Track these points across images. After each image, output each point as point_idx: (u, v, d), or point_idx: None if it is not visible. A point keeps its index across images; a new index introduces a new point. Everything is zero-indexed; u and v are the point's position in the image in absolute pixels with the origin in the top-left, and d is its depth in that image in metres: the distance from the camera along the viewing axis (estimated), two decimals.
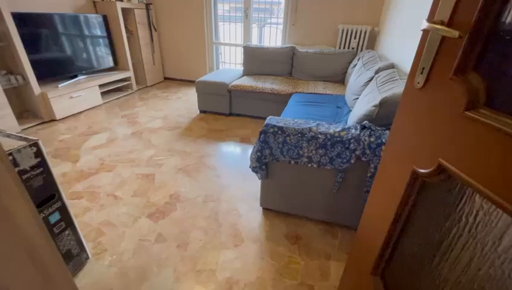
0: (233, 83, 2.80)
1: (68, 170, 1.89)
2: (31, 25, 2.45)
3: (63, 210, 1.04)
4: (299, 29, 3.38)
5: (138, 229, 1.41)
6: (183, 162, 2.04)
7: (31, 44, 2.46)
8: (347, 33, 3.15)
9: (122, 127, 2.60)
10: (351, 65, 2.72)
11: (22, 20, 2.35)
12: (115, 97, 3.36)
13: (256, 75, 3.14)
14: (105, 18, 3.18)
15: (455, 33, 0.47)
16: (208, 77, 2.91)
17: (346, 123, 1.72)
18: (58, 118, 2.67)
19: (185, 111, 3.07)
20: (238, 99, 2.87)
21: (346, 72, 2.88)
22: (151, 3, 3.72)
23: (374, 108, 1.23)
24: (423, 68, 0.59)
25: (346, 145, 1.16)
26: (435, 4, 0.56)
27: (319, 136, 1.19)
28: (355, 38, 3.16)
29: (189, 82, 4.18)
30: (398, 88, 1.27)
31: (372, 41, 3.18)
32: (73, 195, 1.64)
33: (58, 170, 1.89)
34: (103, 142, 2.31)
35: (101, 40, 3.20)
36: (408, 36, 2.00)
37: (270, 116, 1.34)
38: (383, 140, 1.13)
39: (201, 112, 3.04)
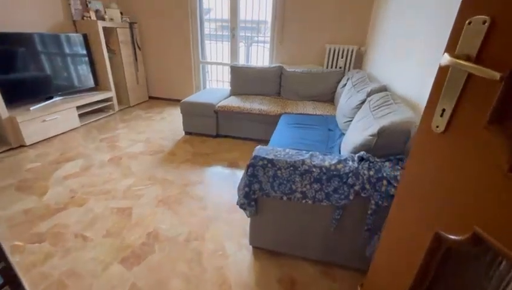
0: (220, 104, 2.69)
1: (32, 206, 1.67)
2: (2, 46, 2.28)
3: (7, 272, 0.85)
4: (286, 48, 3.36)
5: (108, 280, 1.21)
6: (165, 192, 1.86)
7: (1, 66, 2.28)
8: (334, 52, 3.15)
9: (100, 153, 2.40)
10: (340, 85, 2.68)
11: None
12: (94, 119, 3.17)
13: (244, 95, 3.05)
14: (85, 37, 3.05)
15: (495, 75, 0.36)
16: (194, 98, 2.79)
17: (339, 147, 1.62)
18: (28, 144, 2.44)
19: (169, 133, 2.91)
20: (225, 120, 2.75)
21: (335, 91, 2.84)
22: (136, 22, 3.63)
23: (371, 137, 1.12)
24: (443, 110, 0.48)
25: (344, 180, 1.05)
26: (455, 33, 0.45)
27: (313, 169, 1.07)
28: (342, 57, 3.15)
29: (175, 101, 4.04)
30: (395, 115, 1.18)
31: (359, 60, 3.18)
32: (34, 238, 1.43)
33: (20, 206, 1.67)
34: (76, 170, 2.10)
35: (80, 60, 3.04)
36: (396, 57, 1.97)
37: (258, 147, 1.21)
38: (384, 174, 1.02)
39: (186, 133, 2.90)
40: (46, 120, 2.57)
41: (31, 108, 2.50)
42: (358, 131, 1.34)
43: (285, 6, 3.15)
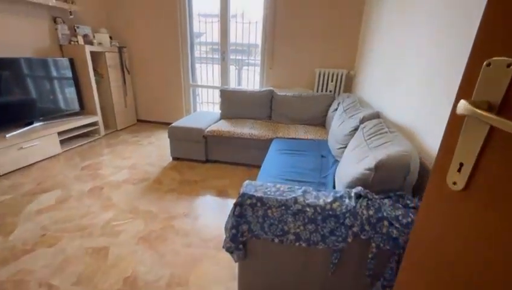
0: (209, 128, 2.60)
1: None
2: None
3: None
4: (276, 72, 3.37)
5: None
6: (147, 227, 1.71)
7: None
8: (324, 76, 3.17)
9: (80, 182, 2.24)
10: (331, 109, 2.66)
11: None
12: (78, 144, 3.02)
13: (234, 118, 2.99)
14: (71, 61, 2.98)
15: None
16: (182, 122, 2.71)
17: (333, 177, 1.53)
18: (1, 174, 2.27)
19: (156, 158, 2.78)
20: (214, 145, 2.65)
21: (326, 115, 2.81)
22: (125, 47, 3.61)
23: (368, 172, 1.04)
24: (461, 164, 0.40)
25: (341, 220, 0.95)
26: (470, 75, 0.38)
27: (307, 209, 0.97)
28: (332, 81, 3.17)
29: (164, 124, 3.94)
30: (391, 146, 1.12)
31: (349, 83, 3.20)
32: None
33: None
34: (51, 203, 1.93)
35: (65, 84, 2.95)
36: (386, 82, 1.96)
37: (247, 182, 1.11)
38: (384, 213, 0.93)
39: (174, 159, 2.77)
40: (24, 147, 2.41)
41: (7, 135, 2.35)
42: (353, 162, 1.26)
43: (275, 31, 3.19)
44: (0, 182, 2.18)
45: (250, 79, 3.75)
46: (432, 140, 1.26)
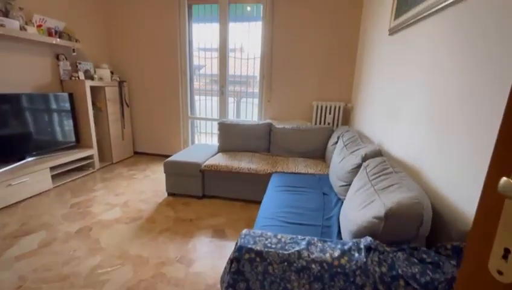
0: (206, 163, 2.53)
1: None
2: None
3: None
4: (274, 105, 3.40)
5: None
6: (136, 275, 1.56)
7: None
8: (321, 109, 3.19)
9: (67, 222, 2.11)
10: (330, 142, 2.62)
11: None
12: (71, 179, 2.92)
13: (232, 151, 2.93)
14: (71, 96, 3.00)
15: None
16: (179, 156, 2.64)
17: (338, 219, 1.43)
18: None
19: (151, 194, 2.67)
20: (211, 180, 2.57)
21: (325, 147, 2.77)
22: (125, 81, 3.67)
23: (377, 221, 0.96)
24: (507, 250, 0.32)
25: (351, 279, 0.84)
26: (505, 147, 0.33)
27: (313, 265, 0.86)
28: (330, 113, 3.19)
29: (162, 156, 3.88)
30: (400, 191, 1.04)
31: (347, 116, 3.22)
32: None
33: None
34: (33, 247, 1.79)
35: (63, 119, 2.93)
36: (386, 116, 1.95)
37: (244, 231, 1.02)
38: (399, 270, 0.83)
39: (169, 194, 2.66)
40: (12, 184, 2.31)
41: None
42: (358, 205, 1.18)
43: (272, 66, 3.28)
44: None
45: (248, 111, 3.77)
46: (439, 179, 1.20)
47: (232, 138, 2.95)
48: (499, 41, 0.89)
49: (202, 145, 3.26)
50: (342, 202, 1.68)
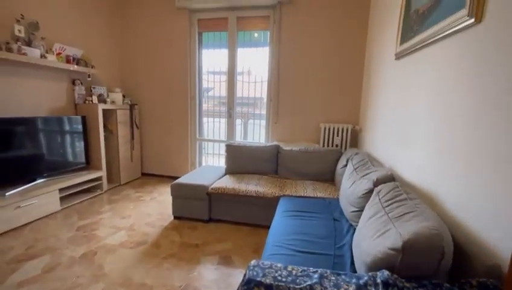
0: (213, 185, 2.51)
1: None
2: (4, 130, 2.24)
3: None
4: (281, 126, 3.42)
5: None
6: None
7: None
8: (329, 131, 3.18)
9: (73, 246, 2.08)
10: (339, 164, 2.58)
11: None
12: (79, 200, 2.93)
13: (240, 174, 2.91)
14: (84, 119, 3.09)
15: None
16: (185, 179, 2.63)
17: (350, 248, 1.36)
18: None
19: (157, 217, 2.63)
20: (218, 203, 2.53)
21: (334, 170, 2.72)
22: (136, 104, 3.79)
23: (394, 253, 0.90)
24: None
25: None
26: None
27: None
28: (337, 135, 3.17)
29: (169, 178, 3.88)
30: (417, 220, 0.99)
31: (355, 138, 3.19)
32: None
33: None
34: (37, 272, 1.75)
35: (75, 141, 3.01)
36: (396, 139, 1.91)
37: (253, 263, 0.97)
38: None
39: (175, 218, 2.62)
40: (21, 206, 2.33)
41: (7, 193, 2.29)
42: (372, 234, 1.12)
43: (280, 89, 3.34)
44: None
45: (255, 132, 3.80)
46: (457, 207, 1.14)
47: (240, 160, 2.95)
48: (507, 64, 0.89)
49: (209, 167, 3.26)
50: (354, 229, 1.61)
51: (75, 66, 2.95)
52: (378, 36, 2.58)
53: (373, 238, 1.11)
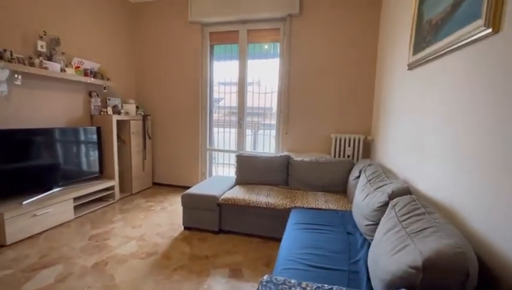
0: (224, 196, 2.50)
1: None
2: (9, 142, 2.33)
3: None
4: (292, 137, 3.41)
5: None
6: None
7: (1, 162, 2.27)
8: (340, 141, 3.14)
9: (85, 255, 2.10)
10: (352, 175, 2.53)
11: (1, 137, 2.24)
12: (92, 209, 2.98)
13: (250, 184, 2.90)
14: (99, 129, 3.18)
15: None
16: (196, 189, 2.64)
17: (366, 264, 1.32)
18: (8, 243, 2.19)
19: (167, 227, 2.64)
20: (228, 214, 2.51)
21: (346, 181, 2.66)
22: (149, 115, 3.87)
23: (413, 271, 0.86)
24: None
25: None
26: None
27: None
28: (349, 146, 3.12)
29: (179, 188, 3.90)
30: (436, 235, 0.95)
31: (367, 149, 3.13)
32: None
33: None
34: (50, 281, 1.77)
35: (90, 151, 3.09)
36: (411, 150, 1.87)
37: (266, 277, 0.95)
38: None
39: (185, 228, 2.62)
40: (37, 215, 2.38)
41: (24, 202, 2.36)
42: (389, 250, 1.08)
43: (290, 99, 3.35)
44: (5, 254, 2.08)
45: (265, 142, 3.79)
46: (482, 223, 1.08)
47: (250, 170, 2.94)
48: None
49: (220, 177, 3.26)
50: (369, 243, 1.56)
51: (92, 79, 3.07)
52: (389, 47, 2.56)
53: (390, 254, 1.07)
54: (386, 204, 1.50)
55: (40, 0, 2.64)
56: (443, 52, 1.41)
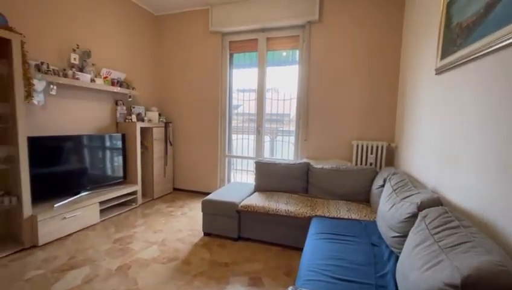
0: (243, 203, 2.50)
1: None
2: (45, 148, 2.49)
3: None
4: (311, 143, 3.36)
5: None
6: None
7: (39, 166, 2.42)
8: (362, 148, 3.05)
9: (109, 258, 2.17)
10: (375, 184, 2.44)
11: (37, 143, 2.39)
12: (116, 213, 3.09)
13: (269, 191, 2.87)
14: (123, 136, 3.32)
15: None
16: (216, 195, 2.66)
17: (394, 278, 1.25)
18: (40, 244, 2.31)
19: (187, 233, 2.67)
20: (248, 221, 2.50)
21: (369, 190, 2.57)
22: (171, 122, 3.99)
23: (450, 289, 0.80)
24: None
25: None
26: None
27: None
28: (371, 153, 3.03)
29: (198, 193, 3.96)
30: (474, 251, 0.88)
31: (390, 156, 3.02)
32: None
33: None
34: (77, 283, 1.84)
35: (115, 156, 3.23)
36: (438, 156, 1.77)
37: (290, 289, 0.92)
38: None
39: (205, 234, 2.63)
40: (66, 217, 2.50)
41: (55, 205, 2.49)
42: (420, 265, 1.02)
43: (309, 105, 3.32)
44: (36, 254, 2.19)
45: (284, 149, 3.77)
46: None
47: (269, 177, 2.92)
48: None
49: (238, 183, 3.27)
50: (397, 256, 1.48)
51: (119, 88, 3.22)
52: (413, 51, 2.48)
53: (422, 270, 1.01)
54: (414, 215, 1.42)
55: (74, 16, 2.83)
56: (476, 55, 1.34)
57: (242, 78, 3.86)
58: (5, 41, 2.07)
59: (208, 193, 2.77)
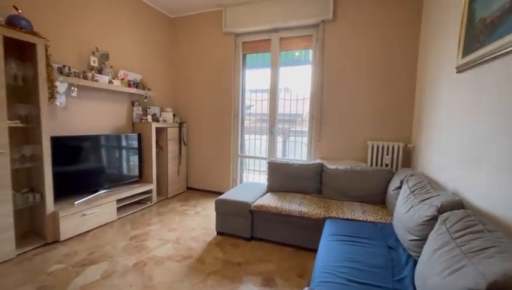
0: (256, 203, 2.50)
1: None
2: (66, 147, 2.59)
3: None
4: (325, 144, 3.32)
5: None
6: None
7: (61, 165, 2.52)
8: (378, 149, 2.98)
9: (126, 255, 2.23)
10: (391, 186, 2.38)
11: (59, 143, 2.49)
12: (132, 211, 3.17)
13: (282, 192, 2.86)
14: (139, 136, 3.41)
15: None
16: (229, 195, 2.68)
17: (412, 281, 1.21)
18: (61, 240, 2.41)
19: (201, 232, 2.70)
20: (261, 221, 2.50)
21: (385, 192, 2.51)
22: (185, 122, 4.06)
23: None
24: None
25: None
26: None
27: None
28: (387, 154, 2.95)
29: (211, 193, 4.01)
30: (500, 256, 0.84)
31: (407, 157, 2.93)
32: None
33: None
34: (97, 278, 1.90)
35: (131, 156, 3.32)
36: (459, 157, 1.70)
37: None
38: None
39: (218, 233, 2.66)
40: (86, 214, 2.60)
41: (76, 202, 2.59)
42: (443, 270, 0.98)
43: (323, 106, 3.28)
44: (58, 249, 2.29)
45: (297, 149, 3.75)
46: None
47: (281, 177, 2.91)
48: None
49: (251, 183, 3.28)
50: (415, 260, 1.44)
51: (135, 89, 3.31)
52: (433, 49, 2.40)
53: (442, 275, 0.97)
54: (434, 218, 1.38)
55: (93, 20, 2.94)
56: (502, 52, 1.28)
57: (254, 79, 3.87)
58: (31, 46, 2.18)
59: (221, 193, 2.79)
